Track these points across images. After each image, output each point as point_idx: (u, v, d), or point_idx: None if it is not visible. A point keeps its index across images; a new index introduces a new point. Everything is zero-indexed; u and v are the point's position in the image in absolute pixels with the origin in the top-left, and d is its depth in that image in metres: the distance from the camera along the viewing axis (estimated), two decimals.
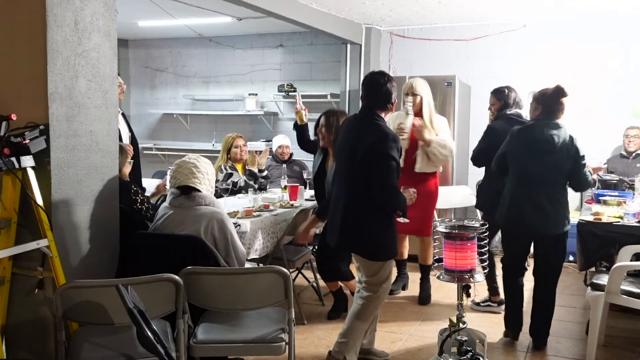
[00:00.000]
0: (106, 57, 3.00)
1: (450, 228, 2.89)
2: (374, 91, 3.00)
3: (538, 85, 4.18)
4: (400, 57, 6.67)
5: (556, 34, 5.96)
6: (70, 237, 2.84)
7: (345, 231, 3.05)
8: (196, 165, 3.04)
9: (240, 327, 2.74)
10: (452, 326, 2.92)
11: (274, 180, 5.50)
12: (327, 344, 3.66)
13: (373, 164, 2.87)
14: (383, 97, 2.98)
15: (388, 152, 2.85)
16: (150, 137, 8.34)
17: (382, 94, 2.98)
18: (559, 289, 3.62)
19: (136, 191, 3.33)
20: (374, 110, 2.99)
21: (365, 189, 2.93)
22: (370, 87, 3.02)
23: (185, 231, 2.94)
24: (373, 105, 2.99)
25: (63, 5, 2.74)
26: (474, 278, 2.86)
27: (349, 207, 3.02)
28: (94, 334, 2.56)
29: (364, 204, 2.96)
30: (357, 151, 2.93)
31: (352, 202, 3.01)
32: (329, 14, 5.87)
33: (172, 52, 8.15)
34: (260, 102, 7.52)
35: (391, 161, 2.86)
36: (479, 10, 5.71)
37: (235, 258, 3.05)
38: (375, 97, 3.00)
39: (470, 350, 2.85)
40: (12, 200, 2.68)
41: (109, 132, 3.04)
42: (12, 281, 2.80)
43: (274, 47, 7.52)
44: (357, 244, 3.06)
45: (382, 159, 2.85)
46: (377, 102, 2.99)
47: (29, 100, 2.74)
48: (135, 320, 1.87)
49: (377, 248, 3.02)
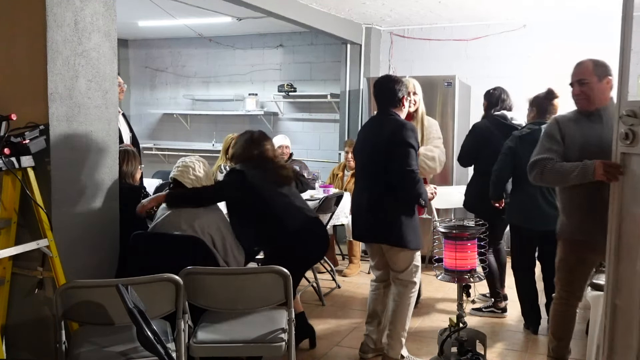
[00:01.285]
0: (106, 57, 3.00)
1: (450, 228, 2.90)
2: (383, 93, 3.23)
3: (538, 85, 4.19)
4: (400, 57, 6.67)
5: (556, 34, 5.96)
6: (70, 237, 2.83)
7: (375, 224, 3.17)
8: (190, 165, 3.12)
9: (240, 327, 2.74)
10: (452, 326, 2.93)
11: None
12: (327, 344, 3.66)
13: (393, 153, 3.04)
14: (392, 97, 3.21)
15: (406, 140, 3.03)
16: (150, 137, 8.34)
17: (391, 95, 3.21)
18: None
19: (146, 195, 3.36)
20: (389, 108, 3.20)
21: (389, 180, 3.08)
22: (380, 91, 3.25)
23: (182, 230, 2.96)
24: (386, 106, 3.22)
25: (63, 5, 2.74)
26: (474, 278, 2.87)
27: (374, 200, 3.15)
28: (94, 334, 2.56)
29: (389, 195, 3.11)
30: (378, 146, 3.11)
31: (377, 196, 3.14)
32: (329, 14, 5.87)
33: (172, 52, 8.15)
34: (260, 102, 7.52)
35: (410, 148, 3.03)
36: (479, 10, 5.71)
37: (233, 257, 3.07)
38: (385, 98, 3.23)
39: (470, 350, 2.86)
40: (12, 200, 2.68)
41: (109, 132, 3.04)
42: (12, 281, 2.80)
43: (274, 47, 7.51)
44: (387, 234, 3.16)
45: (402, 146, 3.03)
46: (389, 102, 3.22)
47: (29, 100, 2.74)
48: (135, 320, 1.87)
49: (407, 234, 3.13)
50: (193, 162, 3.15)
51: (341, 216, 4.91)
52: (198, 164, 3.16)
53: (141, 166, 3.55)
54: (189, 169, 3.12)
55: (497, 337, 3.79)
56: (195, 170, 3.12)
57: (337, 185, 5.58)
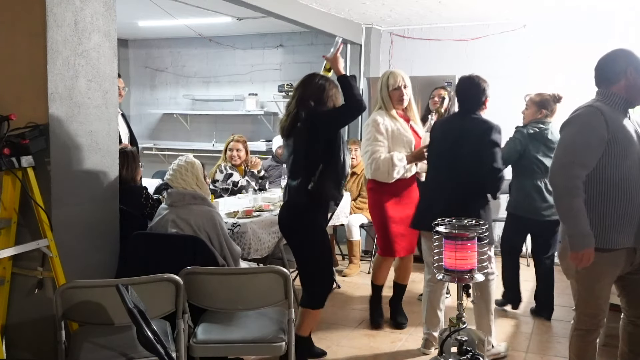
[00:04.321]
0: (106, 57, 3.00)
1: (450, 228, 2.89)
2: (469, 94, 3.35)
3: (538, 85, 4.19)
4: (400, 57, 6.66)
5: (556, 34, 5.95)
6: (70, 237, 2.83)
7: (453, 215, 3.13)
8: (182, 166, 3.18)
9: (240, 327, 2.74)
10: (452, 326, 2.92)
11: (274, 180, 5.50)
12: (327, 344, 3.66)
13: (483, 153, 3.21)
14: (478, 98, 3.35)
15: (495, 141, 3.23)
16: (150, 137, 8.33)
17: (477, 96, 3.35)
18: (559, 289, 3.63)
19: (147, 196, 3.38)
20: (473, 109, 3.34)
21: (472, 175, 3.23)
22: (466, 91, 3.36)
23: (179, 229, 2.98)
24: (471, 106, 3.35)
25: (63, 5, 2.74)
26: (474, 278, 2.87)
27: (455, 194, 3.24)
28: (94, 334, 2.56)
29: (470, 189, 3.24)
30: (462, 144, 3.25)
31: (459, 189, 3.25)
32: (329, 14, 5.86)
33: (172, 52, 8.14)
34: (260, 102, 7.52)
35: (496, 147, 3.24)
36: (479, 10, 5.71)
37: (230, 255, 3.10)
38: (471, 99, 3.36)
39: (470, 350, 2.86)
40: (12, 200, 2.68)
41: (109, 132, 3.04)
42: (12, 281, 2.80)
43: (274, 47, 7.51)
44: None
45: (492, 147, 3.22)
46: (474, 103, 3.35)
47: (29, 100, 2.73)
48: (135, 320, 1.87)
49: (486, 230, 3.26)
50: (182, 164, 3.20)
51: (341, 216, 4.91)
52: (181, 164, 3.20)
53: (141, 164, 3.56)
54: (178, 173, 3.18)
55: (497, 337, 3.78)
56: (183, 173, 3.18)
57: None
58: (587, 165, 2.48)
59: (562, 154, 2.54)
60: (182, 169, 3.17)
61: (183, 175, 3.14)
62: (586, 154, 2.48)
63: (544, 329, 3.96)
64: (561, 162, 2.52)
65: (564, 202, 2.51)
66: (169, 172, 3.22)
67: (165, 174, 3.26)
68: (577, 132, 2.52)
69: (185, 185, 3.13)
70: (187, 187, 3.13)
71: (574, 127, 2.55)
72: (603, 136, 2.46)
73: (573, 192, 2.47)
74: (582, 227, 2.46)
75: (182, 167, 3.17)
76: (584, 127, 2.51)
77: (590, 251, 2.45)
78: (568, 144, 2.54)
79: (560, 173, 2.51)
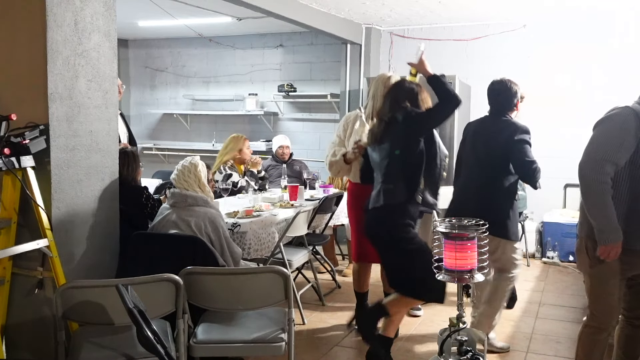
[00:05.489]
0: (106, 57, 3.00)
1: (450, 228, 2.89)
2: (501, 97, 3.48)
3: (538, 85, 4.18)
4: (400, 57, 6.65)
5: (556, 34, 5.95)
6: (70, 237, 2.84)
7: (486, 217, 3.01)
8: (185, 167, 3.18)
9: (240, 327, 2.74)
10: (452, 326, 2.92)
11: (273, 180, 5.50)
12: (327, 344, 3.66)
13: (513, 150, 3.32)
14: (510, 102, 3.47)
15: (525, 139, 3.34)
16: (150, 137, 8.33)
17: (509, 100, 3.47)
18: (559, 289, 3.63)
19: (148, 196, 3.38)
20: (505, 112, 3.45)
21: (502, 175, 3.34)
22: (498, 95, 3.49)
23: (180, 229, 2.98)
24: (503, 108, 3.46)
25: (63, 5, 2.74)
26: (474, 278, 2.86)
27: (484, 194, 3.36)
28: (94, 334, 2.56)
29: (499, 188, 3.35)
30: (495, 146, 3.35)
31: (488, 189, 3.37)
32: (329, 14, 5.87)
33: (172, 52, 8.15)
34: (260, 102, 7.52)
35: (525, 144, 3.33)
36: (479, 10, 5.71)
37: (230, 256, 3.10)
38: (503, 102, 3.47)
39: (470, 350, 2.85)
40: (12, 200, 2.68)
41: (109, 132, 3.04)
42: (12, 281, 2.80)
43: (274, 47, 7.51)
44: (499, 227, 3.28)
45: (522, 144, 3.32)
46: (506, 106, 3.47)
47: (29, 100, 2.74)
48: (135, 320, 1.87)
49: (514, 227, 3.42)
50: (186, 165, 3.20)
51: (341, 216, 4.90)
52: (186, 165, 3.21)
53: (141, 164, 3.57)
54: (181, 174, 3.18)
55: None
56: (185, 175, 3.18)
57: (337, 185, 5.58)
58: (617, 163, 2.55)
59: (594, 150, 2.59)
60: (186, 170, 3.17)
61: (185, 177, 3.16)
62: (617, 153, 2.53)
63: (544, 329, 3.96)
64: (593, 158, 2.57)
65: (594, 197, 2.56)
66: (174, 172, 3.23)
67: (172, 174, 3.27)
68: (611, 130, 2.58)
69: (187, 187, 3.14)
70: (188, 189, 3.13)
71: (608, 125, 2.60)
72: (636, 137, 2.52)
73: (604, 188, 2.53)
74: (613, 221, 2.52)
75: (185, 169, 3.18)
76: (619, 126, 2.57)
77: (619, 245, 2.52)
78: (602, 142, 2.59)
79: (592, 168, 2.56)
